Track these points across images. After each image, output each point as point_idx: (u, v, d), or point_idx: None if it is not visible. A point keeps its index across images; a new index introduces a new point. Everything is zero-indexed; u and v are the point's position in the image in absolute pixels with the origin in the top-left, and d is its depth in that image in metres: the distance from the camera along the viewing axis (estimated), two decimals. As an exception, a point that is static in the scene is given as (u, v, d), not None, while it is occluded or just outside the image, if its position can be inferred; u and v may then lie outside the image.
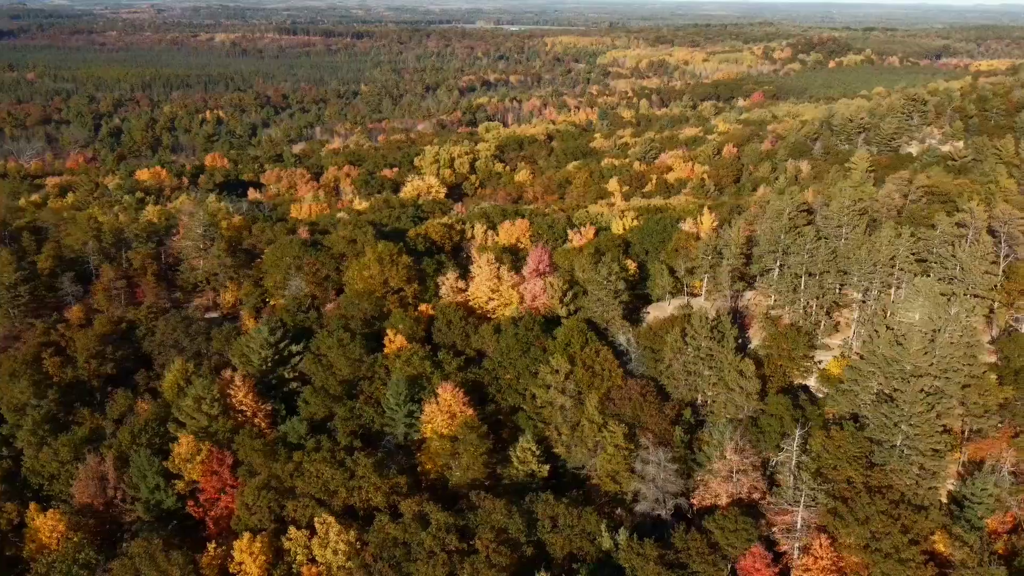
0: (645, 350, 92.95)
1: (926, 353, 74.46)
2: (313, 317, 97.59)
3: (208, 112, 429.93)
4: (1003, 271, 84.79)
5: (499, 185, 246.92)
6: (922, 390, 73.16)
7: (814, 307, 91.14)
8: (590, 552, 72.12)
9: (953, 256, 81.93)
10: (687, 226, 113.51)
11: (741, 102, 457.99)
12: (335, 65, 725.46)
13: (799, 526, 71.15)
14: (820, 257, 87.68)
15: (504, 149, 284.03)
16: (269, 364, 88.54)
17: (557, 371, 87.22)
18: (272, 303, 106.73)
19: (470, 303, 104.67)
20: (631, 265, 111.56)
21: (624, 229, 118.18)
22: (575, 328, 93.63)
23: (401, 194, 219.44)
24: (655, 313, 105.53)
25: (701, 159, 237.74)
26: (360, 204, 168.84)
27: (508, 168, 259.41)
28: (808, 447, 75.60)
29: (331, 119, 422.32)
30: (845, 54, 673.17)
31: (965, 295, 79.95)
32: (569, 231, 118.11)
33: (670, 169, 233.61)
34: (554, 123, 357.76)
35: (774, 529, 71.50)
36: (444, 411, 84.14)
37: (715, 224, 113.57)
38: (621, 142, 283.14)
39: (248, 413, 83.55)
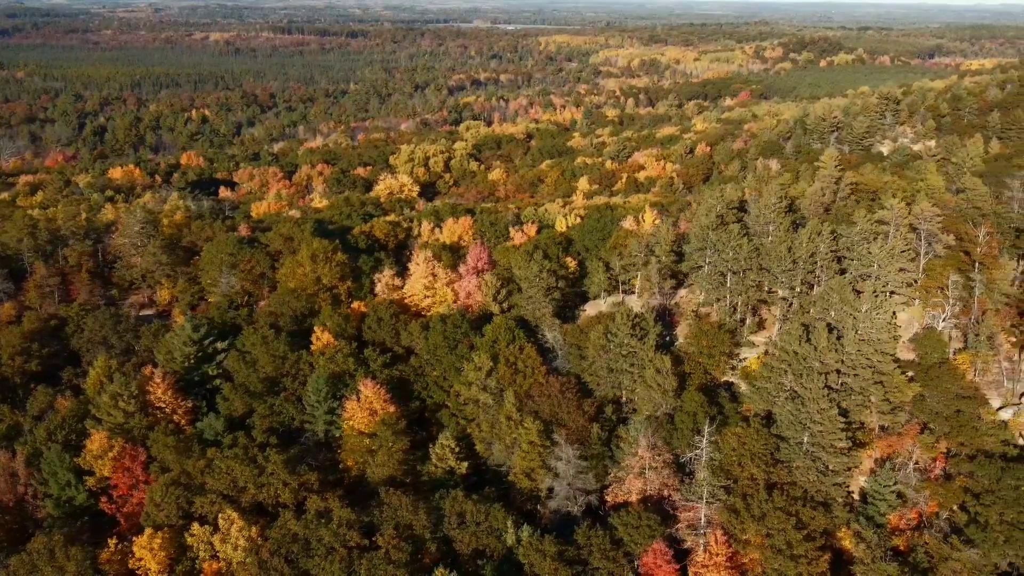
0: (572, 347, 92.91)
1: (834, 350, 74.47)
2: (244, 314, 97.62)
3: (194, 111, 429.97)
4: (923, 268, 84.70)
5: (473, 184, 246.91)
6: (827, 387, 73.19)
7: (739, 304, 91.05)
8: (497, 549, 72.14)
9: (869, 253, 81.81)
10: (628, 223, 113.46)
11: (728, 101, 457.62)
12: (327, 64, 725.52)
13: (703, 523, 71.30)
14: (742, 254, 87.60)
15: (481, 148, 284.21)
16: (192, 361, 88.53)
17: (480, 368, 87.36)
18: (211, 300, 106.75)
19: (406, 300, 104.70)
20: (571, 263, 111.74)
21: (567, 227, 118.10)
22: (502, 325, 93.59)
23: (373, 192, 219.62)
24: (591, 310, 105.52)
25: (673, 158, 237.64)
26: (320, 202, 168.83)
27: (483, 167, 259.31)
28: (720, 444, 75.60)
29: (316, 118, 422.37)
30: (836, 53, 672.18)
31: (877, 292, 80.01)
32: (511, 229, 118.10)
33: (642, 168, 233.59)
34: (537, 122, 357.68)
35: (679, 526, 71.57)
36: (365, 408, 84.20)
37: (656, 221, 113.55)
38: (598, 141, 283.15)
39: (167, 410, 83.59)
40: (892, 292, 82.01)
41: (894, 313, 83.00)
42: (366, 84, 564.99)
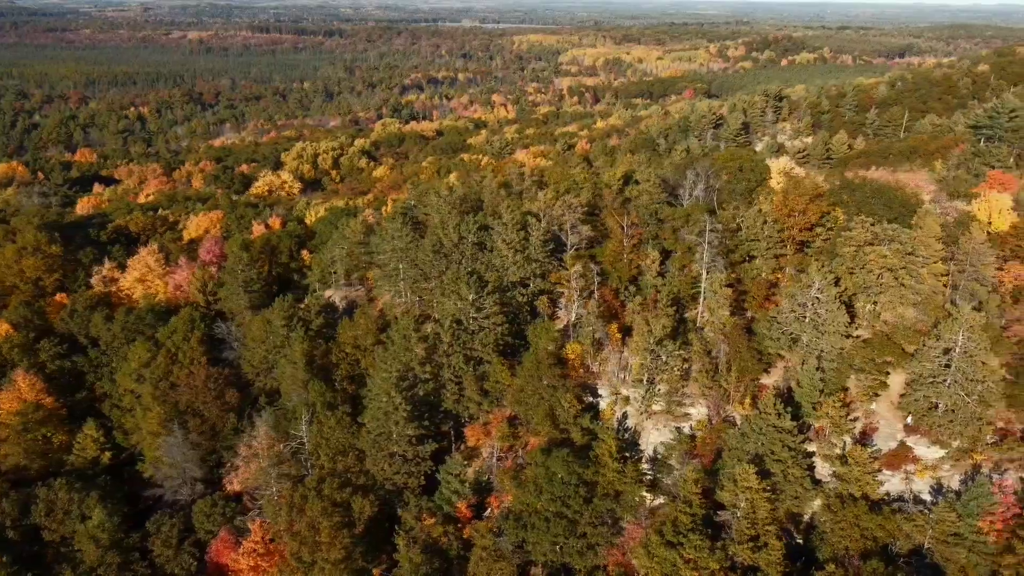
0: (248, 340, 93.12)
1: (425, 340, 74.64)
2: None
3: (132, 109, 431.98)
4: (569, 259, 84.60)
5: (358, 180, 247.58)
6: (411, 376, 73.36)
7: (408, 295, 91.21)
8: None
9: (503, 244, 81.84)
10: (367, 216, 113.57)
11: (672, 99, 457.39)
12: (294, 63, 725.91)
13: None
14: (400, 245, 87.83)
15: (380, 145, 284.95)
16: None
17: (138, 359, 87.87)
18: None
19: (121, 293, 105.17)
20: (307, 256, 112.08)
21: (313, 220, 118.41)
22: (185, 317, 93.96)
23: (252, 189, 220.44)
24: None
25: (551, 154, 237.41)
26: (145, 197, 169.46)
27: (370, 164, 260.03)
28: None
29: (252, 116, 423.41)
30: (799, 52, 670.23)
31: (502, 282, 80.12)
32: (254, 223, 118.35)
33: (520, 163, 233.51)
34: (457, 120, 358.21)
35: (244, 516, 72.01)
36: (16, 398, 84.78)
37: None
38: (495, 138, 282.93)
39: None
40: (522, 282, 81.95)
41: (528, 303, 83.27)
42: (319, 82, 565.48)
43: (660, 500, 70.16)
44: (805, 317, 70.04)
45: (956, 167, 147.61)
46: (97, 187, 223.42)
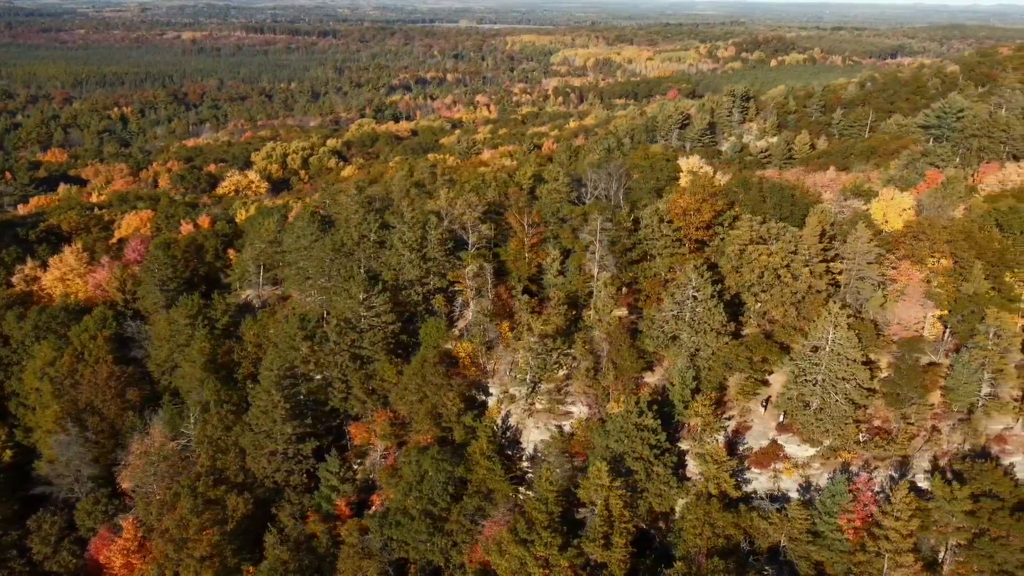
0: (155, 339, 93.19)
1: (309, 338, 74.84)
2: None
3: (115, 109, 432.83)
4: (468, 258, 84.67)
5: (325, 180, 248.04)
6: (287, 376, 73.55)
7: (314, 293, 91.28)
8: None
9: (400, 242, 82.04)
10: (293, 215, 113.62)
11: (656, 99, 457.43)
12: (284, 63, 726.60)
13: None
14: (302, 244, 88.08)
15: (352, 144, 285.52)
16: None
17: (43, 357, 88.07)
18: None
19: (42, 292, 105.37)
20: (232, 254, 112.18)
21: (243, 219, 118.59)
22: (98, 316, 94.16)
23: (219, 189, 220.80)
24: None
25: (517, 155, 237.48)
26: (97, 197, 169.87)
27: (339, 163, 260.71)
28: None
29: (236, 116, 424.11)
30: (789, 53, 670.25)
31: (398, 280, 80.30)
32: (183, 221, 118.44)
33: (484, 164, 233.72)
34: (435, 120, 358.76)
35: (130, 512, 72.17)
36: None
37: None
38: (467, 138, 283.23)
39: None
40: (419, 281, 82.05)
41: (424, 302, 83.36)
42: (306, 83, 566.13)
43: (542, 498, 70.22)
44: (683, 316, 70.08)
45: (904, 167, 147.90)
46: (63, 187, 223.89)
